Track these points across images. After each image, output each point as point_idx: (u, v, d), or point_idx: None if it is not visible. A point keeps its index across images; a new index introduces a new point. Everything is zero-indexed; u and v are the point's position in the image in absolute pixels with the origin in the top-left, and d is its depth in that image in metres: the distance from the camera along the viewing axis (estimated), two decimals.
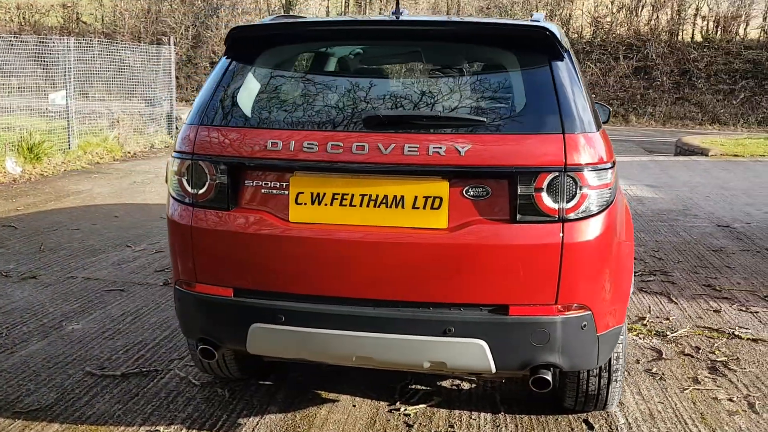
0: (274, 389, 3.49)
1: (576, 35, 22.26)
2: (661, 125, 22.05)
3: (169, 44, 14.24)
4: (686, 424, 3.19)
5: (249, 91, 2.76)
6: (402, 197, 2.49)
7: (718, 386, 3.58)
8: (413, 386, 3.52)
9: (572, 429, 3.15)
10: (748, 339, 4.22)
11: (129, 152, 12.42)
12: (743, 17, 23.91)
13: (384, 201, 2.51)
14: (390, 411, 3.30)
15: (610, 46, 21.68)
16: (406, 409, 3.29)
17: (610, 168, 2.54)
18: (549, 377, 2.56)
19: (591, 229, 2.48)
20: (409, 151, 2.46)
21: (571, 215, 2.45)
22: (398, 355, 2.59)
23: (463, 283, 2.47)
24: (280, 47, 2.87)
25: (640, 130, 21.44)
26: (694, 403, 3.39)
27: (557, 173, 2.42)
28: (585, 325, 2.54)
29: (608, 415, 3.25)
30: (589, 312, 2.54)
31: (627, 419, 3.22)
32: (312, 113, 2.66)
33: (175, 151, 2.80)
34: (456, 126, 2.50)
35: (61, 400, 3.37)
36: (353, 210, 2.54)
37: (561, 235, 2.44)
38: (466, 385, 3.55)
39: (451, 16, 17.43)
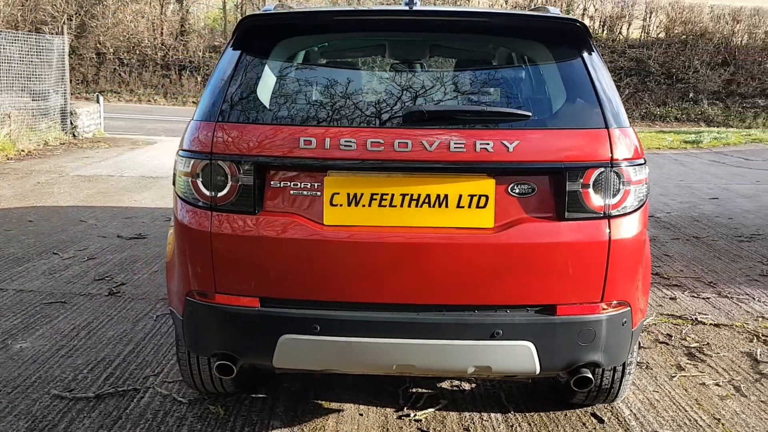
0: (271, 402, 3.29)
1: None
2: None
3: (62, 34, 13.31)
4: (686, 411, 3.27)
5: (269, 84, 2.56)
6: (446, 196, 2.38)
7: (701, 372, 3.71)
8: (414, 390, 3.42)
9: (583, 424, 3.15)
10: (711, 324, 4.41)
11: (23, 150, 11.50)
12: (627, 17, 25.30)
13: (426, 200, 2.39)
14: (400, 417, 3.18)
15: None
16: (415, 415, 3.19)
17: (644, 163, 2.53)
18: (591, 375, 2.53)
19: (632, 226, 2.47)
20: (455, 147, 2.35)
21: (615, 211, 2.43)
22: (442, 361, 2.48)
23: (510, 284, 2.40)
24: (297, 37, 2.67)
25: None
26: (685, 390, 3.49)
27: (603, 169, 2.39)
28: (625, 322, 2.53)
29: (612, 408, 3.28)
30: (629, 308, 2.54)
31: (631, 410, 3.27)
32: (345, 109, 2.49)
33: (183, 151, 2.55)
34: (501, 121, 2.41)
35: (34, 428, 3.02)
36: (393, 210, 2.40)
37: (608, 231, 2.41)
38: (466, 386, 3.49)
39: (463, 6, 17.29)
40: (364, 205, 2.41)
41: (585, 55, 2.55)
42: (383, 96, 2.53)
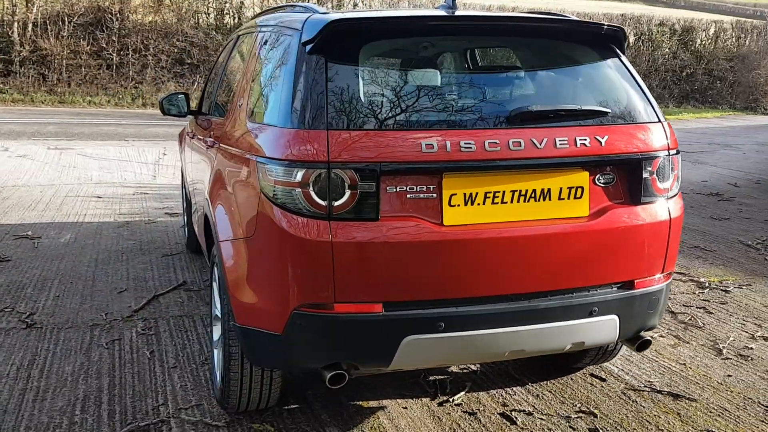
0: (310, 411, 3.24)
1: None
2: None
3: None
4: (656, 361, 3.85)
5: (369, 89, 2.55)
6: (549, 190, 2.59)
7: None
8: (432, 378, 3.57)
9: (591, 384, 3.56)
10: None
11: None
12: None
13: (533, 195, 2.58)
14: (441, 405, 3.32)
15: None
16: (453, 399, 3.35)
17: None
18: (649, 337, 2.91)
19: (679, 204, 2.89)
20: (560, 144, 2.56)
21: (669, 194, 2.83)
22: (548, 343, 2.70)
23: (601, 265, 2.69)
24: (383, 42, 2.67)
25: None
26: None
27: (664, 157, 2.77)
28: (670, 289, 2.95)
29: (603, 368, 3.74)
30: (672, 276, 2.96)
31: (617, 368, 3.75)
32: (453, 111, 2.57)
33: (284, 161, 2.44)
34: (590, 117, 2.67)
35: None
36: (504, 207, 2.55)
37: (668, 210, 2.79)
38: (473, 367, 3.72)
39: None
40: (479, 204, 2.52)
41: (622, 56, 2.90)
42: (484, 98, 2.65)
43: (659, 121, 2.81)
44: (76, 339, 4.00)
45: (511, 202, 2.56)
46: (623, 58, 2.91)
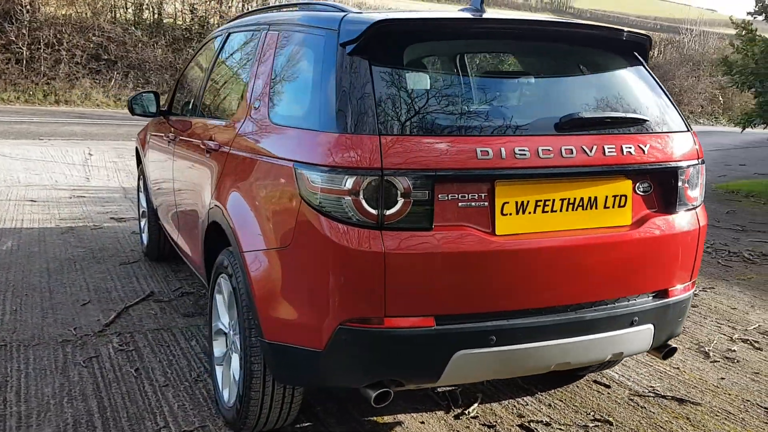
0: (324, 429, 3.07)
1: (171, 20, 21.77)
2: None
3: None
4: (651, 366, 3.90)
5: (418, 93, 2.44)
6: (595, 198, 2.55)
7: None
8: (441, 390, 3.48)
9: (598, 391, 3.57)
10: None
11: None
12: None
13: (580, 203, 2.53)
14: (457, 418, 3.24)
15: (207, 34, 21.81)
16: (469, 412, 3.27)
17: None
18: (676, 345, 2.93)
19: (704, 213, 2.91)
20: (608, 152, 2.53)
21: (697, 202, 2.85)
22: (592, 354, 2.66)
23: (641, 274, 2.67)
24: (430, 43, 2.56)
25: None
26: None
27: (695, 166, 2.79)
28: (693, 297, 2.98)
29: (604, 374, 3.75)
30: (696, 285, 2.98)
31: (617, 374, 3.77)
32: (504, 117, 2.49)
33: (330, 167, 2.29)
34: (632, 125, 2.64)
35: None
36: (554, 216, 2.50)
37: (697, 219, 2.81)
38: None
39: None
40: (530, 213, 2.45)
41: (646, 64, 2.91)
42: (531, 103, 2.58)
43: (688, 130, 2.83)
44: (48, 357, 3.67)
45: (561, 210, 2.50)
46: (647, 64, 2.91)
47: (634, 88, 2.81)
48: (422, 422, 3.18)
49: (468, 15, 2.67)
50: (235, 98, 3.33)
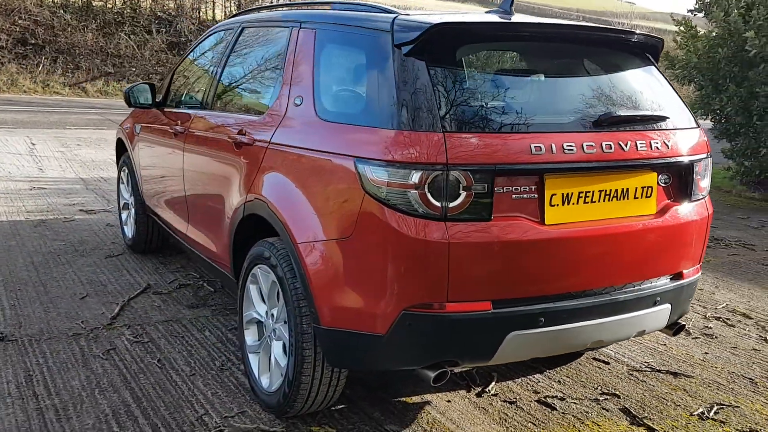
0: (359, 410, 3.22)
1: (102, 3, 21.02)
2: None
3: None
4: (641, 343, 4.20)
5: (475, 92, 2.60)
6: (626, 189, 2.78)
7: None
8: (456, 372, 3.66)
9: (599, 368, 3.84)
10: None
11: None
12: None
13: (615, 194, 2.76)
14: (479, 395, 3.44)
15: (142, 19, 21.20)
16: (489, 390, 3.47)
17: None
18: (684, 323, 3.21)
19: (710, 202, 3.19)
20: (640, 147, 2.76)
21: (705, 192, 3.12)
22: (621, 332, 2.90)
23: (662, 258, 2.93)
24: (483, 44, 2.72)
25: None
26: None
27: (704, 159, 3.06)
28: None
29: (600, 352, 4.03)
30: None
31: (611, 351, 4.05)
32: (552, 114, 2.68)
33: (397, 163, 2.43)
34: (656, 122, 2.88)
35: None
36: (593, 206, 2.71)
37: (706, 207, 3.09)
38: None
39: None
40: (573, 204, 2.66)
41: (657, 64, 3.16)
42: (574, 102, 2.78)
43: (698, 126, 3.10)
44: (65, 351, 3.66)
45: (599, 201, 2.72)
46: (658, 64, 3.17)
47: (653, 87, 3.06)
48: (448, 401, 3.36)
49: (514, 19, 2.85)
50: (267, 94, 3.39)
